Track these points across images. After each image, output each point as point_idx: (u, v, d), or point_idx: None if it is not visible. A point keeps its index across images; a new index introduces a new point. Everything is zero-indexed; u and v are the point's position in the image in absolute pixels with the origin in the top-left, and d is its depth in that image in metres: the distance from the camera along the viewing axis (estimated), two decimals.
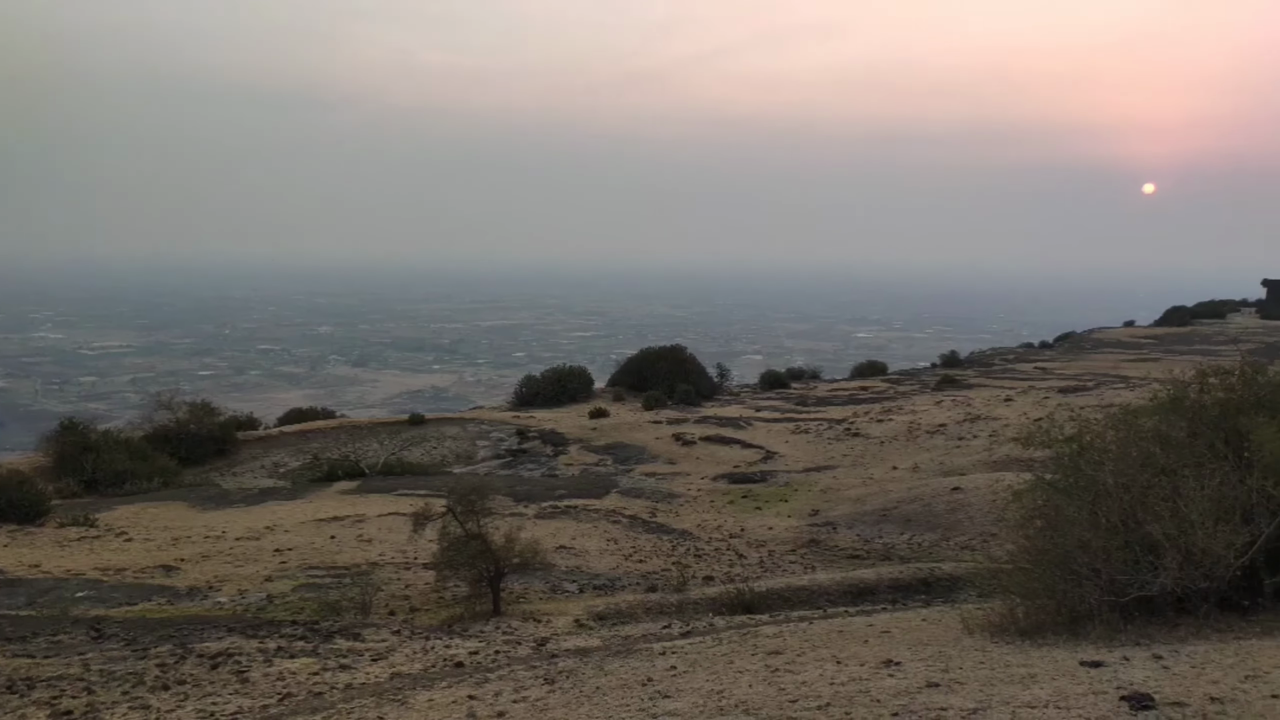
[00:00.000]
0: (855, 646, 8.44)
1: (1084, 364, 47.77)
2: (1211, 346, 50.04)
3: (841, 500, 23.20)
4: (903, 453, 28.76)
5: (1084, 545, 7.71)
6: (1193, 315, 75.49)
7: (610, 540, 19.40)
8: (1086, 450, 8.58)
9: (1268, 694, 4.52)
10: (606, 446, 31.63)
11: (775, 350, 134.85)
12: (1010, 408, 33.47)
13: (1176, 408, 8.41)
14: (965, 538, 18.63)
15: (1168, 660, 5.79)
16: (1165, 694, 4.65)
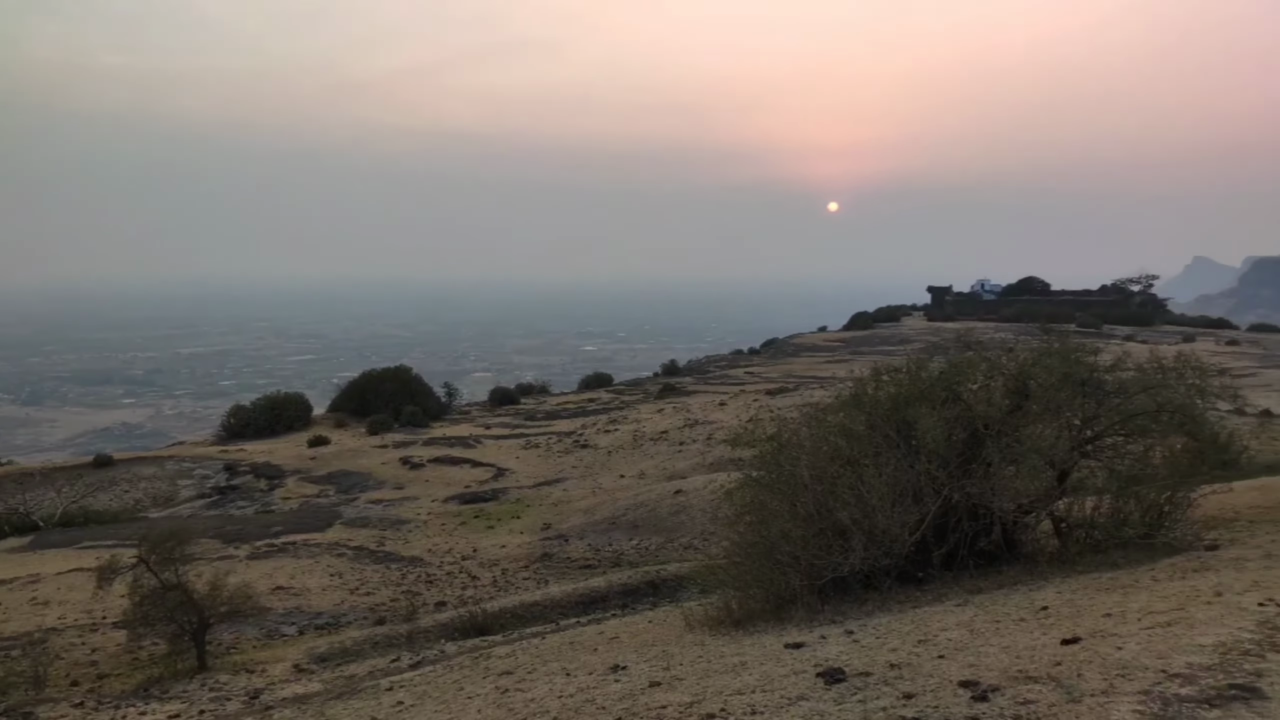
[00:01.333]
0: (585, 656, 8.54)
1: (786, 367, 52.00)
2: (889, 347, 56.29)
3: (573, 512, 23.54)
4: (629, 461, 29.72)
5: (786, 535, 8.33)
6: (873, 320, 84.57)
7: (334, 575, 18.36)
8: (785, 448, 9.29)
9: (935, 655, 5.08)
10: (329, 476, 30.00)
11: (505, 367, 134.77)
12: (725, 411, 35.65)
13: (857, 404, 9.31)
14: (688, 538, 19.55)
15: (858, 634, 6.35)
16: (854, 666, 5.09)
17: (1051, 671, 4.26)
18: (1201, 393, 9.23)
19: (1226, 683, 3.80)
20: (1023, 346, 10.03)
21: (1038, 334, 12.22)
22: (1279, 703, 3.55)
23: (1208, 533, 9.26)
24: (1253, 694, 3.67)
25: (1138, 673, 4.05)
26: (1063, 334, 10.29)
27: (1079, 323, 64.62)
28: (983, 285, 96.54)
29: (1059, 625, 5.44)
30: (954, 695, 4.09)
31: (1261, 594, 5.43)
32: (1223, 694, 3.67)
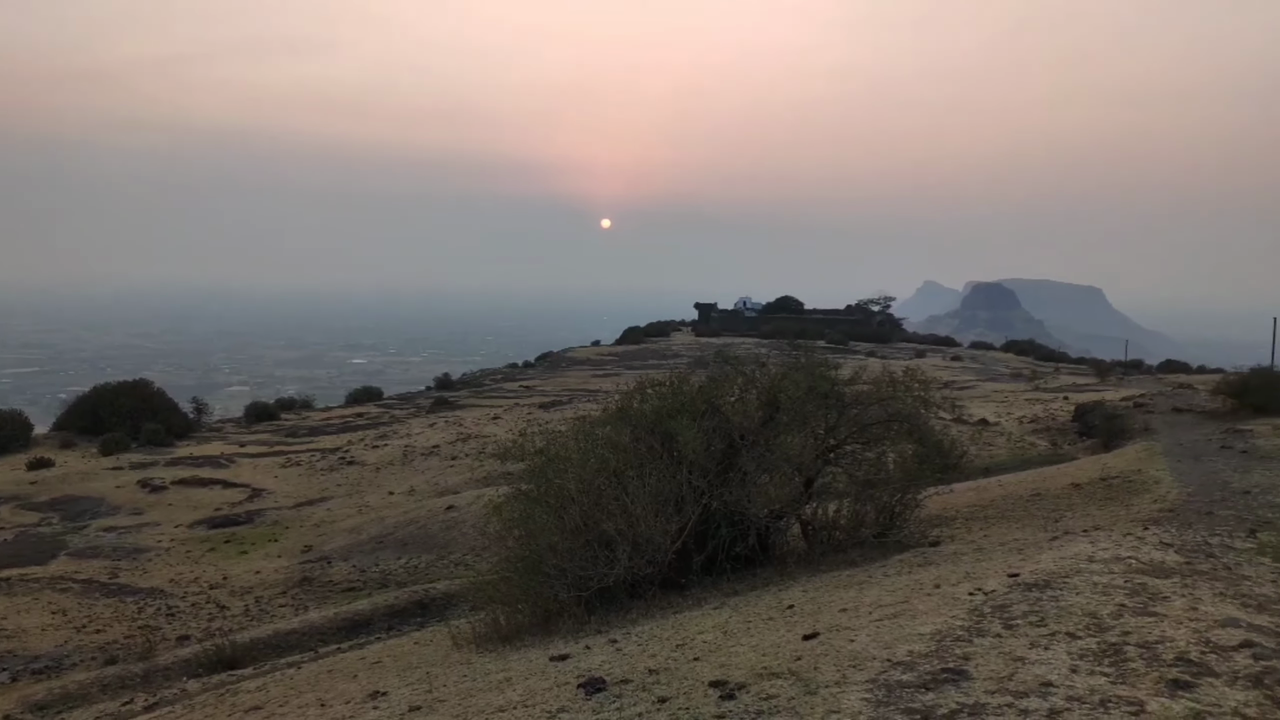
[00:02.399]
0: (344, 684, 8.16)
1: (561, 380, 52.43)
2: (660, 360, 58.18)
3: (337, 532, 22.46)
4: (399, 477, 28.80)
5: (553, 548, 8.38)
6: (645, 334, 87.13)
7: (57, 613, 16.45)
8: (553, 461, 9.35)
9: (691, 658, 5.29)
10: (52, 502, 26.87)
11: (264, 380, 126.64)
12: (498, 425, 35.38)
13: (623, 417, 9.54)
14: (459, 554, 19.19)
15: (621, 643, 6.48)
16: (615, 674, 5.20)
17: (792, 666, 4.55)
18: (925, 403, 10.26)
19: (940, 667, 4.22)
20: (774, 362, 10.70)
21: (789, 350, 13.09)
22: (981, 682, 3.99)
23: (932, 530, 10.26)
24: (961, 676, 4.09)
25: (867, 662, 4.41)
26: (810, 350, 11.07)
27: (828, 339, 69.78)
28: (745, 303, 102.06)
29: (802, 622, 5.83)
30: (704, 696, 4.27)
31: (972, 584, 6.08)
32: (936, 677, 4.08)
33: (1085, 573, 5.91)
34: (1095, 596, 5.26)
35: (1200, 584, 5.76)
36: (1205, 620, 4.81)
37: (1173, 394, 31.89)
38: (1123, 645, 4.33)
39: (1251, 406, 22.54)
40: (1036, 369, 56.74)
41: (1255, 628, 4.71)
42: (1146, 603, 5.15)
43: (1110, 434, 23.35)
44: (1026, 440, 28.18)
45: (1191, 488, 11.86)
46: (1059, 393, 39.56)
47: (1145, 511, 10.10)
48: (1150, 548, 7.14)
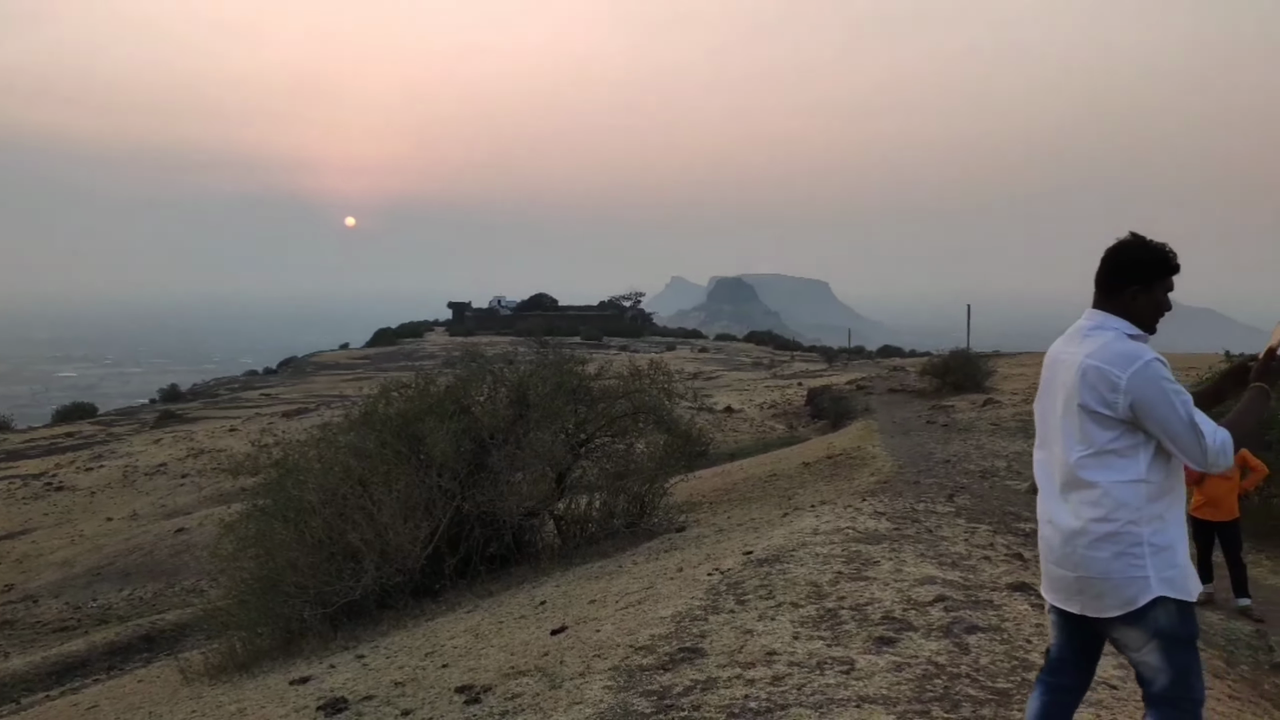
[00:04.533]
0: None
1: (307, 387, 49.68)
2: (413, 362, 56.61)
3: (45, 567, 19.96)
4: (120, 500, 26.06)
5: (293, 565, 7.92)
6: (397, 335, 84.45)
7: None
8: (292, 472, 8.83)
9: (440, 665, 5.19)
10: None
11: None
12: (236, 437, 32.92)
13: (368, 422, 9.18)
14: (191, 580, 17.66)
15: (369, 658, 6.24)
16: (359, 691, 4.99)
17: (539, 662, 4.58)
18: (669, 394, 10.68)
19: (678, 647, 4.40)
20: (522, 359, 10.72)
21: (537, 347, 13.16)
22: (715, 657, 4.20)
23: (680, 516, 10.71)
24: (697, 653, 4.29)
25: (611, 651, 4.52)
26: (559, 346, 11.19)
27: (583, 335, 70.98)
28: (500, 301, 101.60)
29: (553, 617, 5.88)
30: (449, 703, 4.20)
31: (712, 565, 6.39)
32: (674, 658, 4.25)
33: (810, 545, 6.39)
34: (817, 567, 5.70)
35: (905, 547, 6.40)
36: (908, 580, 5.35)
37: (889, 376, 35.30)
38: (838, 610, 4.72)
39: (952, 385, 25.41)
40: (774, 358, 60.83)
41: (948, 583, 5.31)
42: (860, 569, 5.65)
43: (837, 415, 25.46)
44: (767, 425, 30.08)
45: (902, 460, 13.18)
46: (794, 379, 42.61)
47: (864, 484, 11.09)
48: (866, 517, 7.84)
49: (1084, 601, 2.38)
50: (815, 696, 3.58)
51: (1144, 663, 2.34)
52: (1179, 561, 2.36)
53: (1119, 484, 2.34)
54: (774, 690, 3.68)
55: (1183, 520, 2.44)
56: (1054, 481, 2.48)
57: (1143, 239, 2.46)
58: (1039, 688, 2.58)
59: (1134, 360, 2.32)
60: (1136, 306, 2.44)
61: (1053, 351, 2.57)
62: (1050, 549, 2.46)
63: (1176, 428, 2.28)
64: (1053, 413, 2.48)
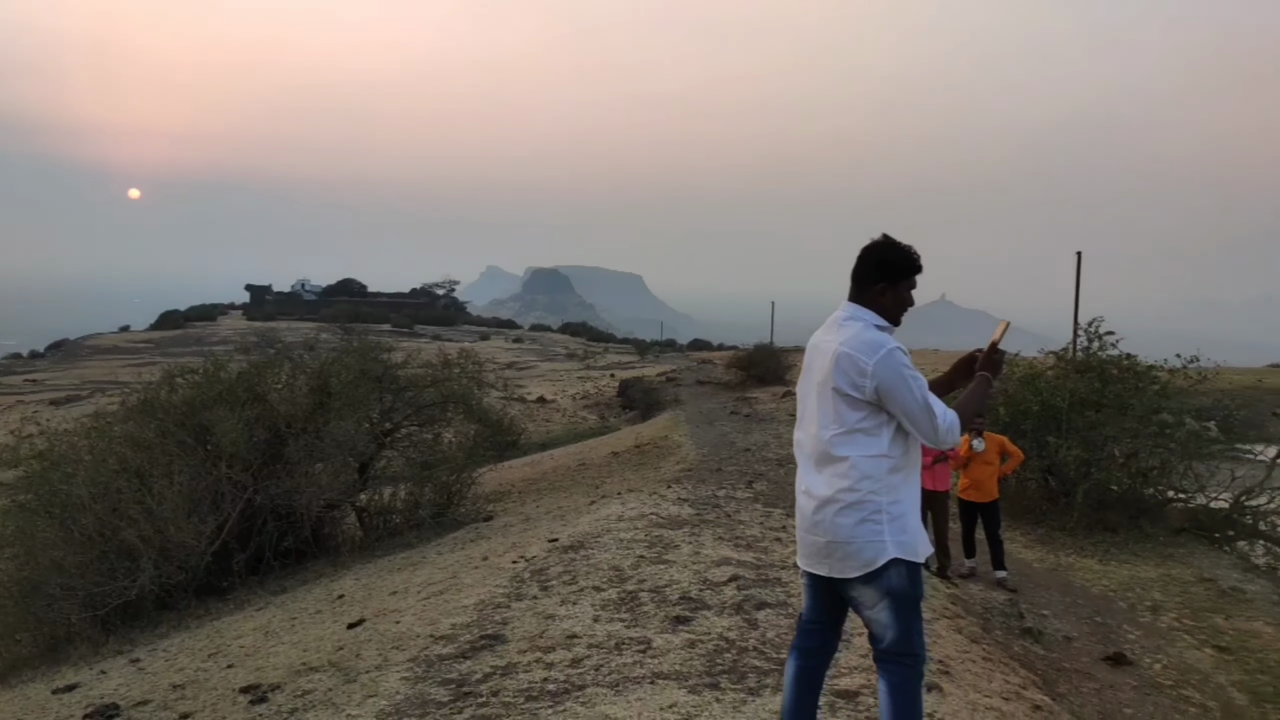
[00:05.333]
0: None
1: (80, 372, 45.45)
2: (204, 348, 52.94)
3: None
4: None
5: (59, 565, 7.25)
6: (186, 319, 78.70)
7: None
8: (59, 464, 8.08)
9: (224, 666, 4.92)
10: None
11: None
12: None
13: (148, 410, 8.53)
14: None
15: (145, 661, 5.81)
16: (132, 697, 4.65)
17: (333, 658, 4.42)
18: (479, 384, 10.57)
19: (480, 635, 4.37)
20: (324, 345, 10.28)
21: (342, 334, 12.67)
22: (516, 643, 4.21)
23: (488, 506, 10.62)
24: (498, 640, 4.29)
25: (410, 641, 4.44)
26: (364, 333, 10.81)
27: (394, 323, 68.83)
28: (304, 285, 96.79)
29: (351, 611, 5.69)
30: (233, 704, 3.99)
31: (517, 553, 6.39)
32: (475, 646, 4.22)
33: (614, 531, 6.52)
34: (620, 552, 5.82)
35: (705, 531, 6.65)
36: (705, 562, 5.56)
37: (698, 368, 36.41)
38: (638, 592, 4.85)
39: (755, 378, 26.54)
40: (588, 349, 61.34)
41: (742, 563, 5.56)
42: (661, 552, 5.82)
43: (648, 406, 26.02)
44: (579, 415, 30.30)
45: (706, 449, 13.65)
46: (606, 370, 43.15)
47: (670, 472, 11.41)
48: (670, 504, 8.08)
49: (832, 564, 2.60)
50: (612, 676, 3.66)
51: (876, 620, 2.58)
52: (911, 527, 2.62)
53: (865, 458, 2.58)
54: (573, 672, 3.74)
55: (917, 492, 2.70)
56: (810, 457, 2.69)
57: (892, 241, 2.72)
58: (793, 654, 2.78)
59: (879, 348, 2.56)
60: (884, 301, 2.69)
61: (813, 340, 2.79)
62: (804, 518, 2.68)
63: (913, 409, 2.54)
64: (810, 395, 2.70)
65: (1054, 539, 9.58)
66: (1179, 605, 7.63)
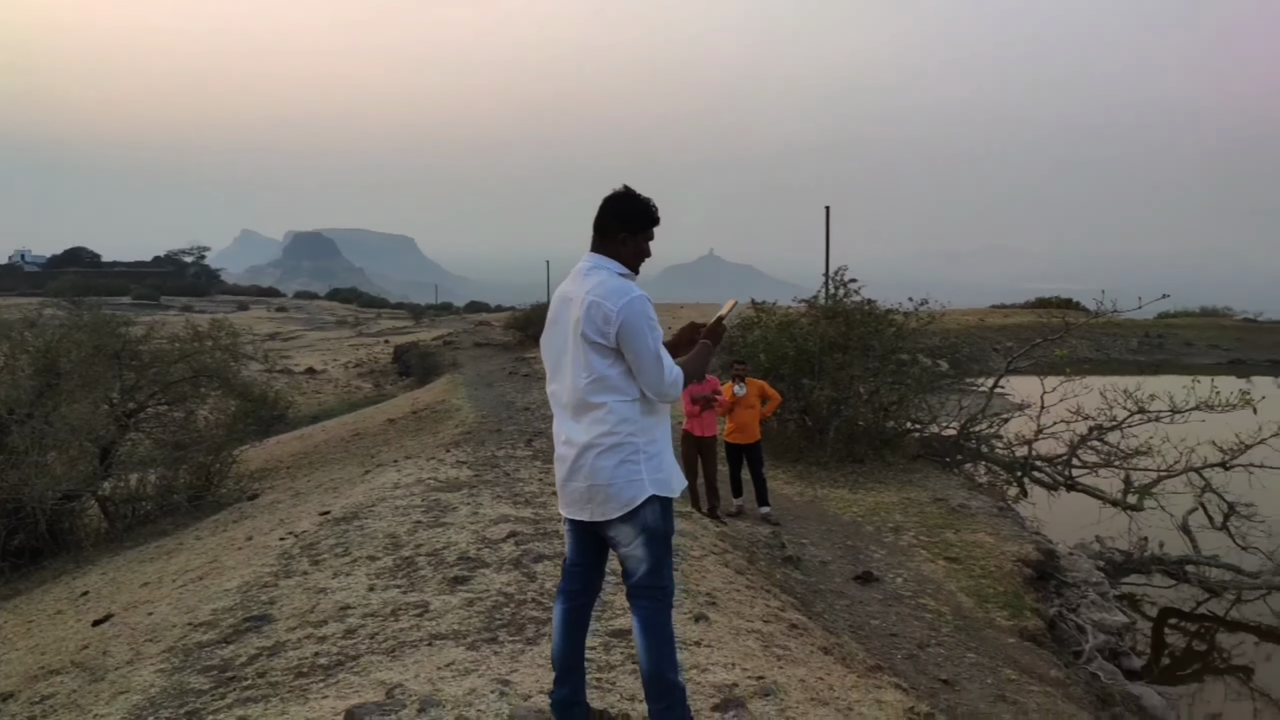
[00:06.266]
0: None
1: None
2: None
3: None
4: None
5: None
6: None
7: None
8: None
9: None
10: None
11: None
12: None
13: None
14: None
15: None
16: None
17: (77, 657, 4.07)
18: (235, 356, 9.91)
19: (244, 618, 4.16)
20: (49, 322, 9.26)
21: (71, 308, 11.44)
22: (284, 621, 4.05)
23: (254, 484, 10.05)
24: (264, 621, 4.10)
25: (165, 632, 4.15)
26: (98, 307, 9.82)
27: (135, 295, 62.80)
28: (23, 256, 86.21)
29: (97, 607, 5.24)
30: None
31: (285, 530, 6.11)
32: (239, 629, 4.02)
33: (390, 499, 6.37)
34: (396, 519, 5.71)
35: (484, 491, 6.64)
36: (483, 521, 5.57)
37: (475, 331, 35.97)
38: (415, 558, 4.79)
39: (533, 338, 26.62)
40: (359, 316, 58.91)
41: (520, 519, 5.62)
42: (439, 516, 5.76)
43: (424, 371, 25.46)
44: (353, 384, 29.17)
45: (486, 410, 13.58)
46: (380, 337, 41.71)
47: (449, 436, 11.26)
48: (448, 467, 7.99)
49: (594, 508, 2.70)
50: (388, 643, 3.61)
51: (631, 555, 2.70)
52: (666, 464, 2.75)
53: (620, 403, 2.67)
54: (346, 644, 3.65)
55: (668, 432, 2.83)
56: (566, 407, 2.76)
57: (633, 192, 2.81)
58: (560, 598, 2.87)
59: (624, 295, 2.65)
60: (625, 250, 2.78)
61: (560, 291, 2.84)
62: (565, 466, 2.75)
63: (646, 357, 2.64)
64: (564, 346, 2.76)
65: (811, 474, 10.37)
66: (916, 524, 8.50)
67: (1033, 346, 12.06)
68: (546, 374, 2.88)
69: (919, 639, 5.68)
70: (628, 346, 2.64)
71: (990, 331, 28.06)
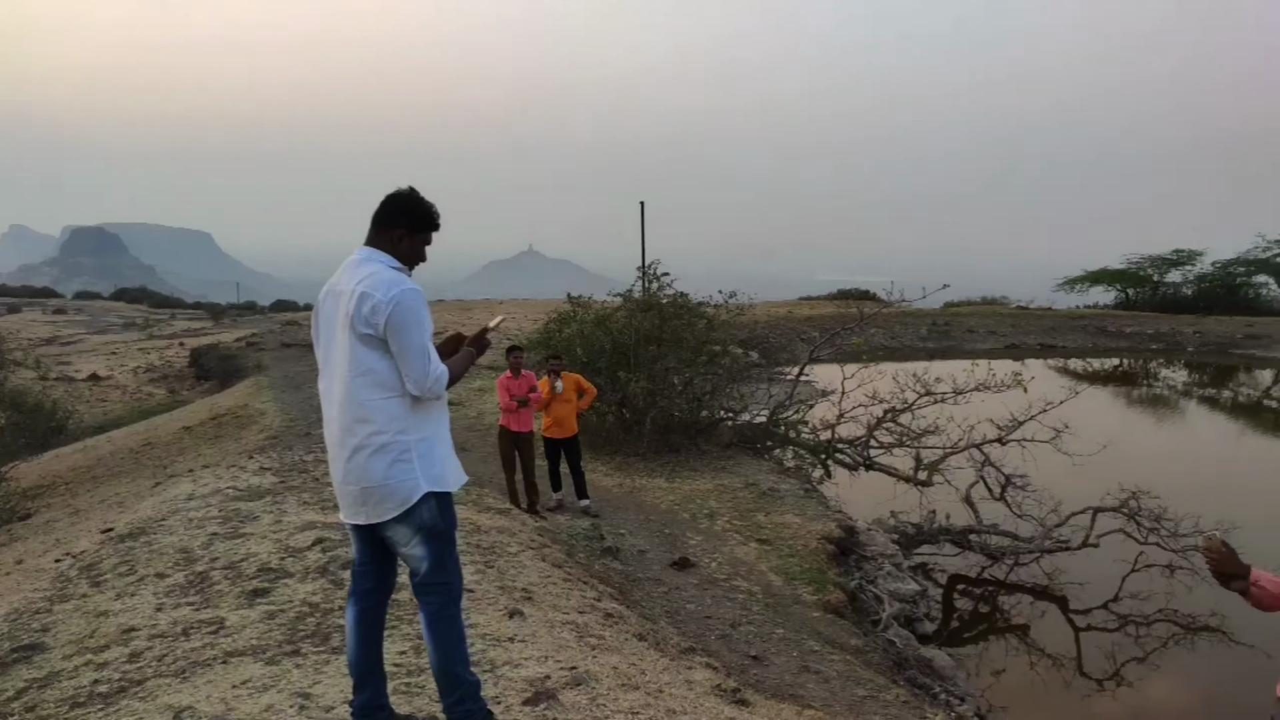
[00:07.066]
0: None
1: None
2: None
3: None
4: None
5: None
6: None
7: None
8: None
9: None
10: None
11: None
12: None
13: None
14: None
15: None
16: None
17: None
18: (0, 363, 8.97)
19: (11, 648, 3.78)
20: None
21: None
22: (60, 649, 3.71)
23: (27, 503, 9.15)
24: (36, 649, 3.74)
25: None
26: None
27: None
28: None
29: None
30: None
31: (61, 550, 5.60)
32: (4, 661, 3.65)
33: (183, 511, 5.96)
34: (189, 532, 5.34)
35: (289, 498, 6.33)
36: (288, 529, 5.31)
37: (282, 331, 34.18)
38: (210, 572, 4.50)
39: None
40: (151, 317, 54.64)
41: (329, 525, 5.39)
42: (238, 526, 5.44)
43: (225, 374, 23.91)
44: (144, 391, 27.05)
45: (294, 413, 12.93)
46: (174, 339, 38.89)
47: (252, 442, 10.65)
48: (250, 474, 7.56)
49: (369, 511, 2.64)
50: (178, 664, 3.38)
51: (411, 555, 2.66)
52: (440, 459, 2.70)
53: (387, 400, 2.61)
54: (130, 668, 3.38)
55: (442, 425, 2.78)
56: (336, 404, 2.68)
57: (417, 194, 2.78)
58: (351, 600, 2.79)
59: (395, 286, 2.60)
60: (401, 248, 2.74)
61: (329, 285, 2.76)
62: (338, 468, 2.68)
63: (413, 350, 2.59)
64: (332, 341, 2.68)
65: (630, 465, 10.54)
66: (730, 510, 8.82)
67: (833, 336, 12.77)
68: (319, 372, 2.78)
69: (732, 619, 5.90)
70: (394, 338, 2.58)
71: (797, 323, 29.41)
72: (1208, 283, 39.56)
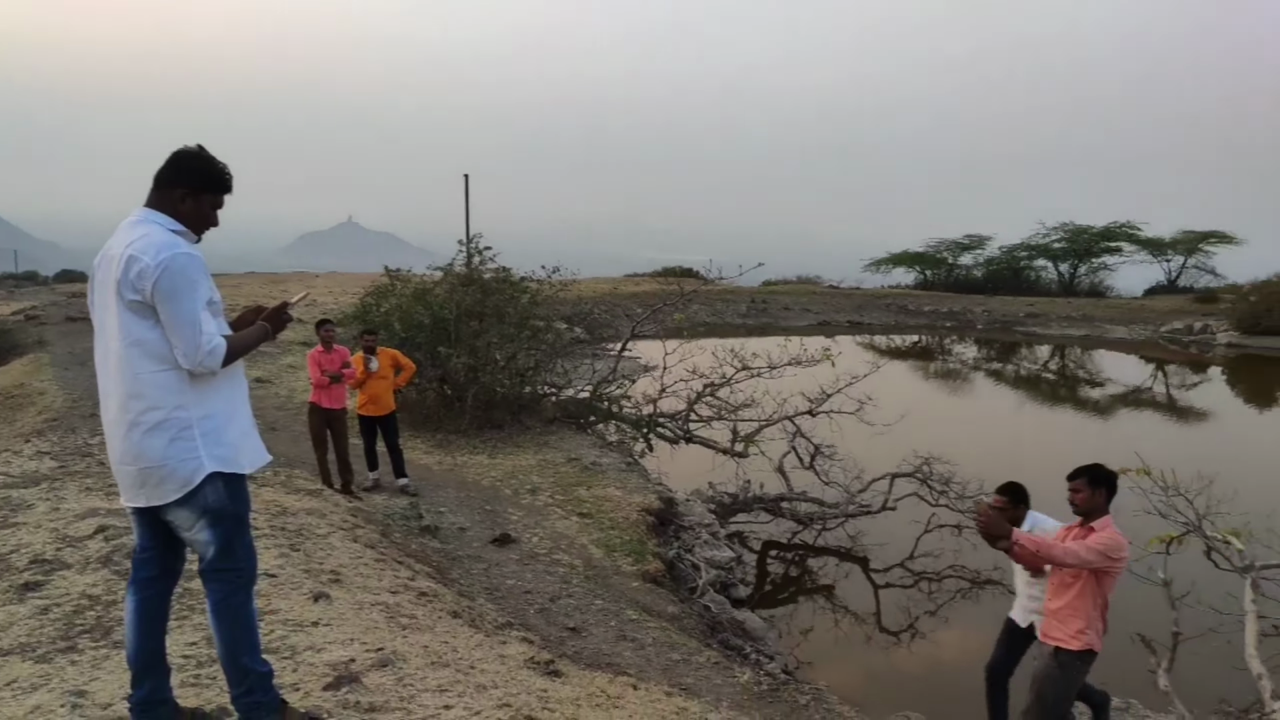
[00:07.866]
0: None
1: None
2: None
3: None
4: None
5: None
6: None
7: None
8: None
9: None
10: None
11: None
12: None
13: None
14: None
15: None
16: None
17: None
18: None
19: None
20: None
21: None
22: None
23: None
24: None
25: None
26: None
27: None
28: None
29: None
30: None
31: None
32: None
33: None
34: None
35: (69, 484, 5.82)
36: (67, 517, 4.88)
37: (68, 304, 31.29)
38: None
39: None
40: None
41: (114, 512, 4.99)
42: (8, 516, 4.95)
43: (1, 351, 21.65)
44: None
45: (78, 393, 11.86)
46: None
47: (29, 425, 9.70)
48: (25, 459, 6.90)
49: (149, 493, 2.44)
50: None
51: (196, 539, 2.49)
52: (229, 439, 2.52)
53: (160, 373, 2.41)
54: None
55: (235, 401, 2.59)
56: (110, 377, 2.47)
57: (206, 153, 2.56)
58: (130, 589, 2.57)
59: (168, 249, 2.40)
60: (184, 209, 2.52)
61: (104, 248, 2.51)
62: (115, 448, 2.47)
63: (182, 320, 2.39)
64: (107, 310, 2.45)
65: (451, 442, 10.36)
66: (552, 485, 8.84)
67: (655, 311, 12.98)
68: (95, 341, 2.55)
69: (552, 593, 5.91)
70: (163, 306, 2.37)
71: (622, 299, 29.73)
72: (995, 266, 43.04)
